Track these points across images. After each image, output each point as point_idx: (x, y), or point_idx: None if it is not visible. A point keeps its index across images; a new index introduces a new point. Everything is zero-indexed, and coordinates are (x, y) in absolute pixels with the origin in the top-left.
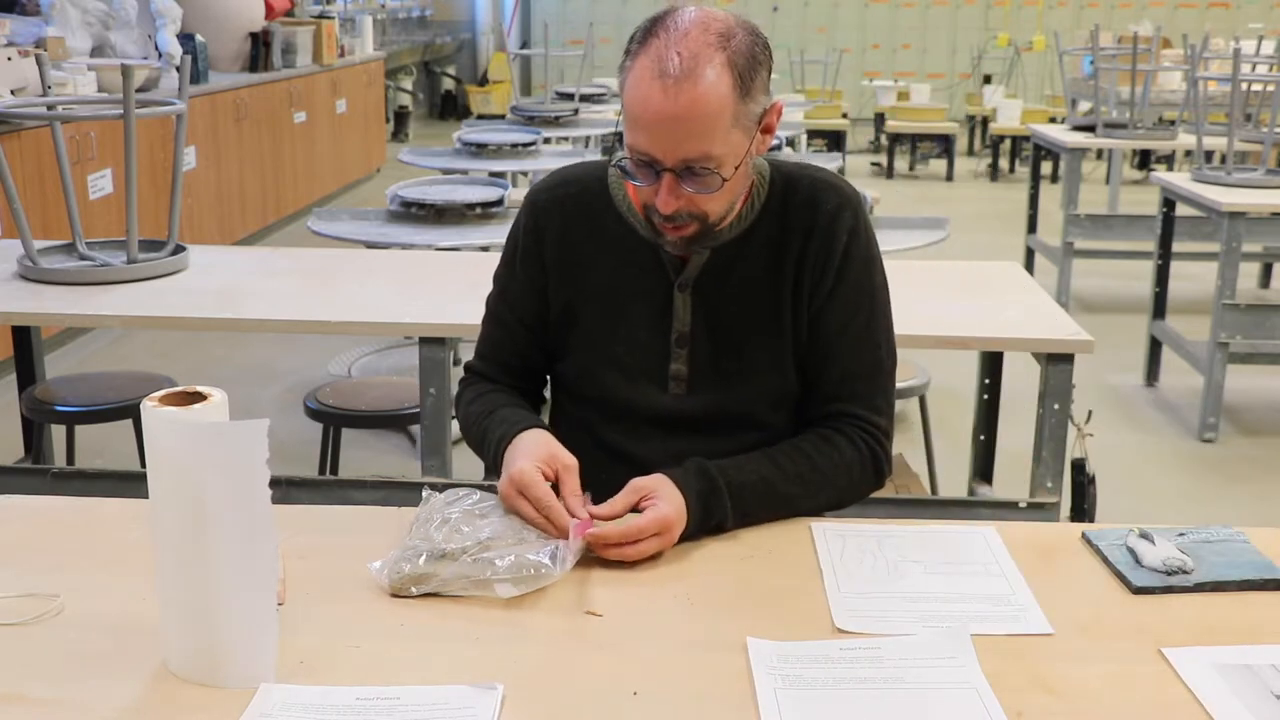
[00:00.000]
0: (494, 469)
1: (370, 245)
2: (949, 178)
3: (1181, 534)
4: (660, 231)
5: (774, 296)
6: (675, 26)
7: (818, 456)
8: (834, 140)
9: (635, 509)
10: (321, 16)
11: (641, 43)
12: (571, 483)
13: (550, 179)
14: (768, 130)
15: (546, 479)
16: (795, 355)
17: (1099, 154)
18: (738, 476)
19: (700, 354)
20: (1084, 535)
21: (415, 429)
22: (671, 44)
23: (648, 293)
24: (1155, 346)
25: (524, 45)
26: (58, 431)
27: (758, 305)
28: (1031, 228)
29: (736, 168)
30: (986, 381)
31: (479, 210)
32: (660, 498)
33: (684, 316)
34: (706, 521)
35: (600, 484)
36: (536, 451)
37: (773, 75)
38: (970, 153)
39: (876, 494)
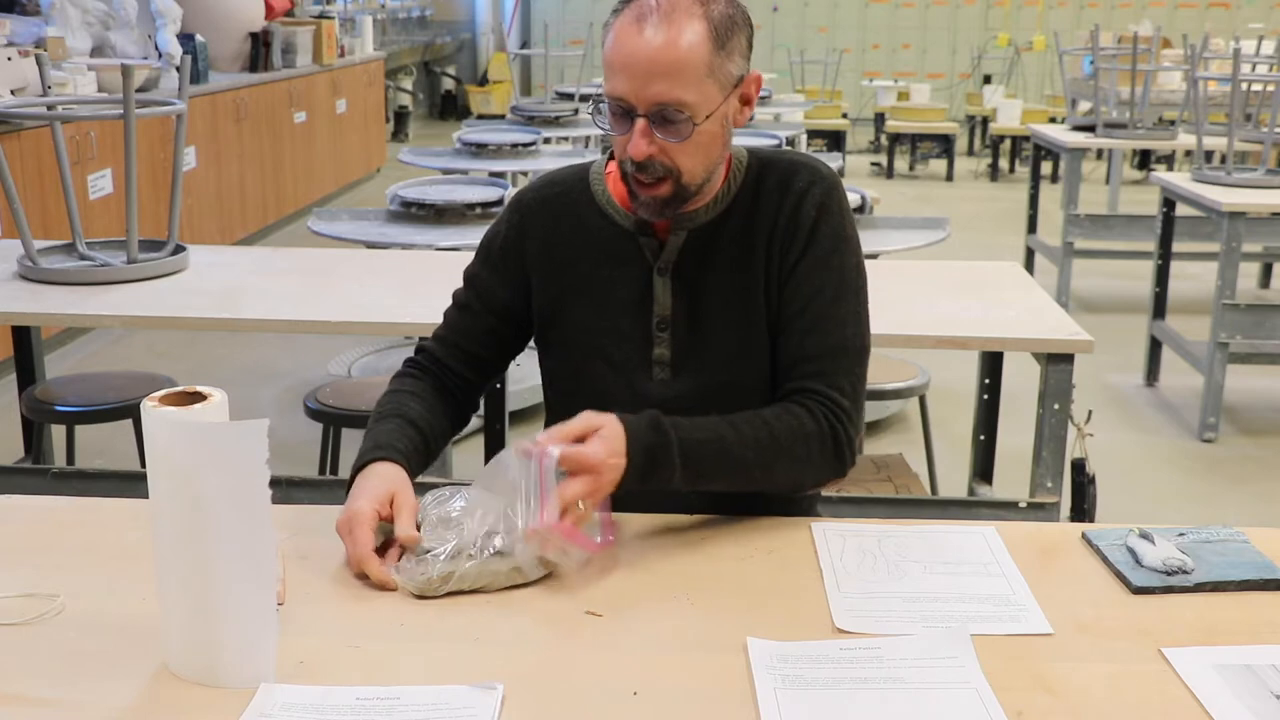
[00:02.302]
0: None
1: (370, 245)
2: (949, 178)
3: (1181, 534)
4: (636, 192)
5: (749, 276)
6: None
7: (775, 424)
8: (834, 140)
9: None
10: (321, 16)
11: (625, 2)
12: (404, 520)
13: (537, 181)
14: (746, 101)
15: (382, 519)
16: (771, 334)
17: (1099, 154)
18: (691, 433)
19: (681, 337)
20: (1084, 535)
21: None
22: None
23: (629, 281)
24: (1155, 346)
25: (524, 45)
26: (58, 431)
27: (735, 286)
28: (1031, 228)
29: (708, 117)
30: (986, 381)
31: (479, 210)
32: (599, 437)
33: (664, 300)
34: (650, 474)
35: None
36: (378, 491)
37: (772, 75)
38: (970, 153)
39: (876, 494)
